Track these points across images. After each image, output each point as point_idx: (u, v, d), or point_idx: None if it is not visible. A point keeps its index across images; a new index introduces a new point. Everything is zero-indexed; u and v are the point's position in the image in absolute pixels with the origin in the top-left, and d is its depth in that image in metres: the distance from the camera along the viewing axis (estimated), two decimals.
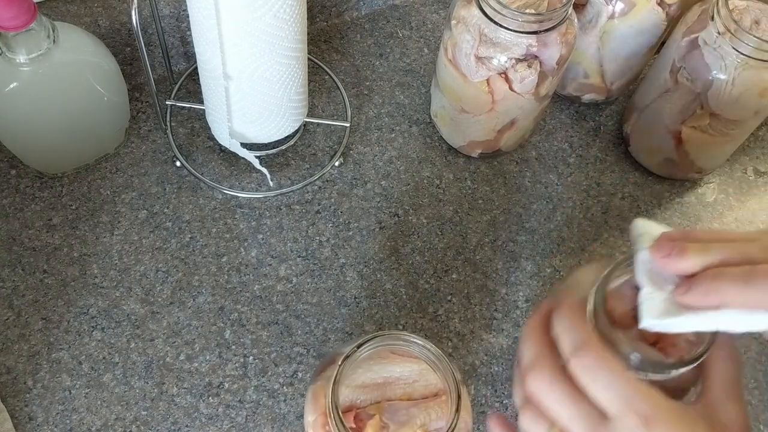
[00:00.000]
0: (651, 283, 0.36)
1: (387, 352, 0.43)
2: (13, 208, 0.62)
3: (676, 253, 0.35)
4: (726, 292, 0.34)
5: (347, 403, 0.41)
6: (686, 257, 0.35)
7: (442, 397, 0.42)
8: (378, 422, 0.40)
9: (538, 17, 0.54)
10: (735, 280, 0.34)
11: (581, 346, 0.36)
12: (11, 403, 0.53)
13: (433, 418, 0.41)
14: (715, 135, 0.61)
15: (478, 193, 0.67)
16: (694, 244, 0.35)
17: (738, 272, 0.34)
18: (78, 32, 0.58)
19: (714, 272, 0.34)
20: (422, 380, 0.42)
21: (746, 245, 0.35)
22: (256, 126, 0.61)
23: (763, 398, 0.59)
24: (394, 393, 0.42)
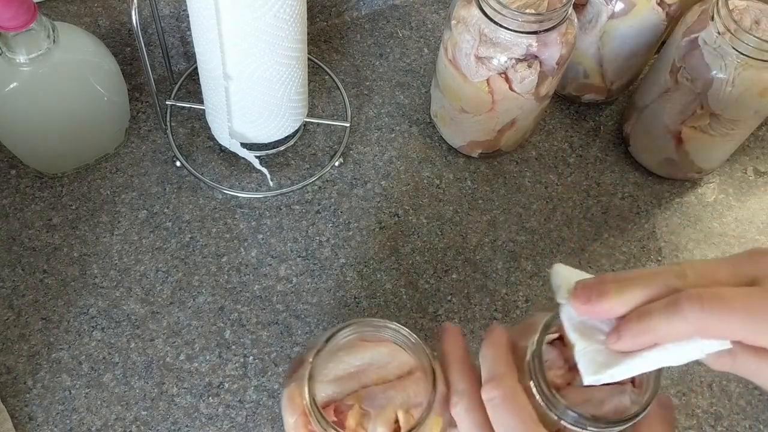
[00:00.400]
0: (582, 337, 0.35)
1: (355, 340, 0.43)
2: (13, 208, 0.62)
3: (596, 298, 0.34)
4: (655, 329, 0.33)
5: (324, 398, 0.41)
6: (607, 299, 0.34)
7: (416, 374, 0.42)
8: (358, 411, 0.40)
9: (538, 17, 0.54)
10: (660, 313, 0.33)
11: (493, 378, 0.36)
12: (11, 403, 0.53)
13: (412, 396, 0.41)
14: (715, 135, 0.61)
15: (478, 193, 0.67)
16: (611, 286, 0.34)
17: (662, 306, 0.33)
18: (78, 32, 0.58)
19: (639, 312, 0.34)
20: (394, 361, 0.43)
21: (662, 276, 0.34)
22: (256, 126, 0.61)
23: (763, 398, 0.59)
24: (369, 379, 0.42)
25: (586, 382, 0.34)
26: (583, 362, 0.35)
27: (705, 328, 0.33)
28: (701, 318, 0.32)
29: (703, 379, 0.59)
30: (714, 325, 0.32)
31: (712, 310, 0.32)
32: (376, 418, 0.40)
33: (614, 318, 0.35)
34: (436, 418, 0.40)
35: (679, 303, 0.33)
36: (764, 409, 0.58)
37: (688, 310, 0.32)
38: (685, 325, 0.33)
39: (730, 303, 0.32)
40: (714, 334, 0.33)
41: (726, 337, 0.33)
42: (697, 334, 0.33)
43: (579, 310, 0.35)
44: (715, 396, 0.58)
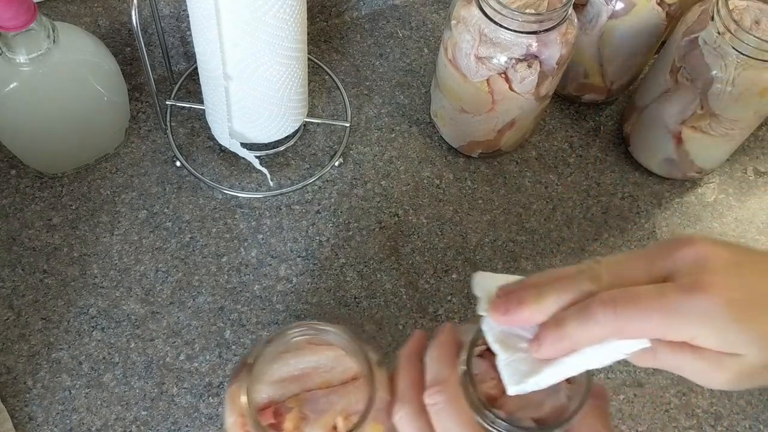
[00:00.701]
0: (504, 347, 0.35)
1: (303, 342, 0.42)
2: (13, 208, 0.62)
3: (514, 308, 0.34)
4: (571, 334, 0.33)
5: (265, 399, 0.41)
6: (523, 309, 0.34)
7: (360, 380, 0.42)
8: (297, 414, 0.40)
9: (538, 17, 0.54)
10: (575, 319, 0.33)
11: (438, 384, 0.36)
12: (11, 403, 0.53)
13: (353, 402, 0.41)
14: (715, 135, 0.61)
15: (478, 193, 0.67)
16: (528, 293, 0.35)
17: (575, 311, 0.33)
18: (78, 32, 0.58)
19: (555, 319, 0.34)
20: (340, 366, 0.42)
21: (577, 279, 0.34)
22: (256, 126, 0.61)
23: (762, 398, 0.59)
24: (313, 383, 0.42)
25: (510, 393, 0.35)
26: (506, 373, 0.35)
27: (620, 330, 0.33)
28: (615, 321, 0.32)
29: None
30: (628, 326, 0.32)
31: (625, 312, 0.32)
32: (314, 423, 0.40)
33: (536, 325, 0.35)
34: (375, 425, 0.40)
35: (591, 308, 0.33)
36: (764, 409, 0.58)
37: (601, 314, 0.32)
38: (599, 330, 0.33)
39: (642, 303, 0.32)
40: (630, 335, 0.33)
41: (642, 336, 0.33)
42: (613, 337, 0.33)
43: (499, 321, 0.35)
44: (715, 396, 0.58)
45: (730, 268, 0.33)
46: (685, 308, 0.32)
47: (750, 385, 0.34)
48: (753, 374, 0.33)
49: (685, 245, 0.33)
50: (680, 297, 0.32)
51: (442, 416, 0.35)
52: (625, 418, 0.57)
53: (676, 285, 0.32)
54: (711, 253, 0.33)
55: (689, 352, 0.33)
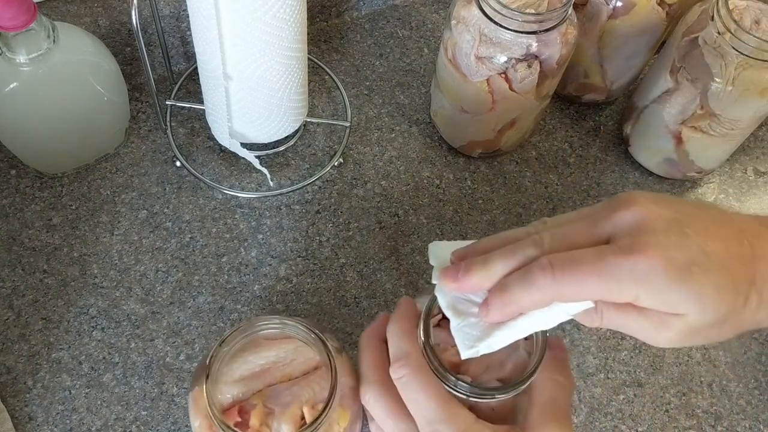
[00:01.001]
0: (456, 313, 0.36)
1: (260, 339, 0.43)
2: (13, 208, 0.62)
3: (461, 275, 0.35)
4: (516, 299, 0.34)
5: (229, 400, 0.41)
6: (471, 276, 0.35)
7: (322, 369, 0.42)
8: (261, 410, 0.40)
9: (538, 17, 0.54)
10: (518, 285, 0.34)
11: (401, 357, 0.36)
12: (11, 403, 0.53)
13: (318, 391, 0.41)
14: (715, 135, 0.61)
15: (478, 193, 0.67)
16: (475, 260, 0.35)
17: (518, 277, 0.34)
18: (78, 32, 0.58)
19: (500, 285, 0.35)
20: (300, 357, 0.43)
21: (521, 245, 0.35)
22: (256, 126, 0.61)
23: (763, 398, 0.59)
24: (275, 377, 0.42)
25: (464, 356, 0.36)
26: (459, 337, 0.36)
27: (560, 294, 0.33)
28: (554, 285, 0.33)
29: (703, 379, 0.59)
30: (567, 290, 0.33)
31: (563, 276, 0.33)
32: (280, 416, 0.40)
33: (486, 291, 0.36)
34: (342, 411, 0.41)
35: (531, 273, 0.33)
36: (764, 409, 0.58)
37: (540, 279, 0.33)
38: (541, 294, 0.33)
39: (580, 267, 0.33)
40: (570, 298, 0.34)
41: (582, 299, 0.34)
42: (555, 300, 0.34)
43: (449, 289, 0.36)
44: (715, 396, 0.58)
45: (671, 226, 0.33)
46: (624, 270, 0.32)
47: (696, 342, 0.35)
48: (697, 332, 0.34)
49: (625, 206, 0.34)
50: (618, 259, 0.32)
51: (408, 388, 0.36)
52: (625, 418, 0.57)
53: (615, 247, 0.33)
54: (651, 213, 0.33)
55: (633, 312, 0.34)
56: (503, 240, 0.36)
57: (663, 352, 0.60)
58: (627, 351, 0.60)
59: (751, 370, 0.60)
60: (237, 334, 0.41)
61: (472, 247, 0.37)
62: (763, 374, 0.60)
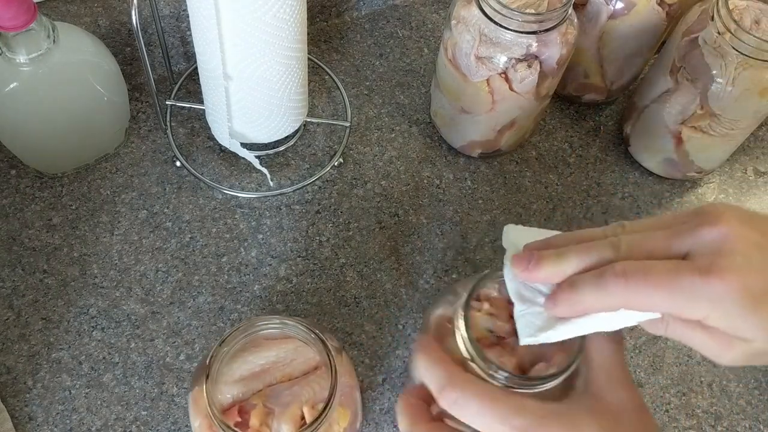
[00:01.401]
0: (521, 299, 0.37)
1: (260, 339, 0.43)
2: (13, 208, 0.62)
3: (533, 266, 0.36)
4: (584, 300, 0.34)
5: (229, 400, 0.41)
6: (542, 268, 0.35)
7: (322, 369, 0.42)
8: (262, 410, 0.40)
9: (538, 17, 0.54)
10: (589, 286, 0.34)
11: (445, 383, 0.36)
12: (11, 403, 0.53)
13: (318, 391, 0.41)
14: (715, 135, 0.61)
15: (478, 193, 0.67)
16: (549, 253, 0.35)
17: (590, 278, 0.34)
18: (78, 32, 0.58)
19: (570, 282, 0.35)
20: (300, 357, 0.43)
21: (598, 245, 0.35)
22: (256, 126, 0.61)
23: (763, 398, 0.59)
24: (274, 377, 0.42)
25: (522, 343, 0.36)
26: (520, 323, 0.36)
27: (629, 302, 0.33)
28: (625, 293, 0.33)
29: (703, 379, 0.59)
30: (637, 300, 0.33)
31: (636, 286, 0.33)
32: (280, 416, 0.40)
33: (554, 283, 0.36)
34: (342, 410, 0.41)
35: (604, 278, 0.33)
36: (764, 409, 0.58)
37: (612, 285, 0.33)
38: (610, 299, 0.33)
39: (653, 279, 0.32)
40: (639, 308, 0.34)
41: (650, 310, 0.34)
42: (623, 308, 0.34)
43: (518, 276, 0.36)
44: (715, 396, 0.58)
45: (753, 251, 0.32)
46: (697, 290, 0.32)
47: (760, 362, 0.35)
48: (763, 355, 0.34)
49: (710, 222, 0.33)
50: (694, 278, 0.32)
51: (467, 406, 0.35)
52: None
53: (693, 265, 0.32)
54: (734, 234, 0.33)
55: (700, 330, 0.34)
56: (579, 238, 0.36)
57: (663, 352, 0.60)
58: (627, 351, 0.60)
59: (751, 370, 0.60)
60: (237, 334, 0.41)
61: (546, 242, 0.37)
62: (763, 374, 0.60)
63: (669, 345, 0.60)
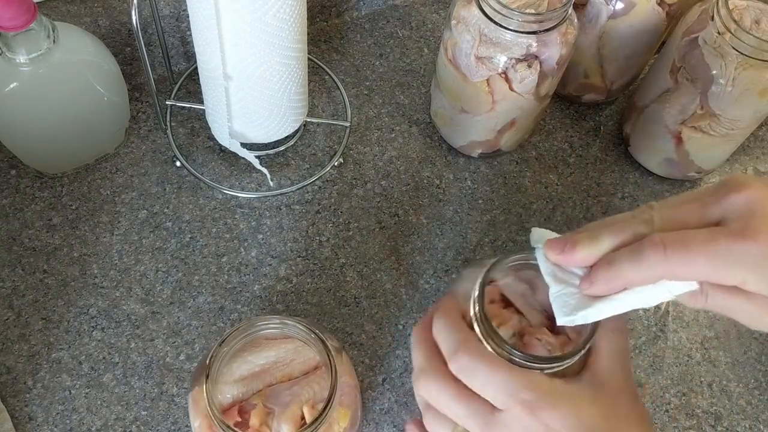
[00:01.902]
0: (557, 281, 0.37)
1: (259, 339, 0.43)
2: (13, 208, 0.62)
3: (568, 248, 0.36)
4: (623, 275, 0.35)
5: (229, 400, 0.41)
6: (577, 250, 0.36)
7: (322, 369, 0.42)
8: (262, 409, 0.40)
9: (538, 17, 0.54)
10: (627, 260, 0.34)
11: (457, 347, 0.36)
12: (11, 403, 0.53)
13: (318, 391, 0.41)
14: (715, 135, 0.61)
15: (478, 193, 0.67)
16: (583, 235, 0.36)
17: (627, 252, 0.34)
18: (78, 32, 0.58)
19: (607, 258, 0.35)
20: (299, 357, 0.43)
21: (630, 223, 0.35)
22: (256, 126, 0.61)
23: (763, 398, 0.59)
24: (274, 377, 0.42)
25: (560, 323, 0.36)
26: (557, 304, 0.36)
27: (669, 272, 0.34)
28: (664, 263, 0.33)
29: (703, 379, 0.59)
30: (677, 268, 0.33)
31: (674, 254, 0.33)
32: (280, 416, 0.40)
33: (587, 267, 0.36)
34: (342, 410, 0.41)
35: (642, 250, 0.34)
36: (764, 409, 0.58)
37: (651, 255, 0.33)
38: (649, 271, 0.34)
39: (692, 246, 0.33)
40: (679, 277, 0.34)
41: (691, 278, 0.34)
42: (663, 278, 0.34)
43: (553, 259, 0.37)
44: (715, 396, 0.58)
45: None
46: (734, 254, 0.32)
47: None
48: None
49: (738, 189, 0.34)
50: (730, 242, 0.32)
51: (475, 372, 0.36)
52: None
53: (727, 229, 0.33)
54: (762, 198, 0.33)
55: (739, 296, 0.34)
56: (611, 221, 0.37)
57: (663, 352, 0.60)
58: None
59: (751, 370, 0.60)
60: (237, 334, 0.41)
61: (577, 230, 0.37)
62: (763, 374, 0.60)
63: (669, 345, 0.60)
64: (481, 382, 0.36)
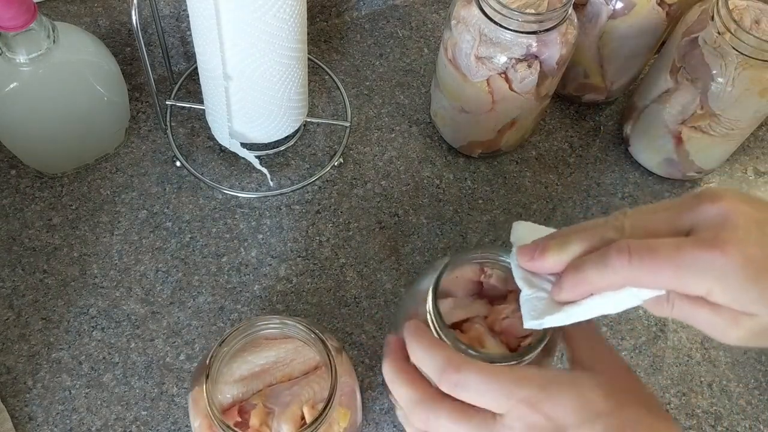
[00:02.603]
0: (528, 284, 0.37)
1: (260, 339, 0.43)
2: (13, 208, 0.62)
3: (538, 256, 0.36)
4: (589, 280, 0.34)
5: (229, 400, 0.41)
6: (547, 257, 0.36)
7: (322, 369, 0.42)
8: (262, 410, 0.40)
9: (538, 17, 0.54)
10: (593, 266, 0.34)
11: (444, 364, 0.36)
12: (11, 403, 0.53)
13: (318, 391, 0.41)
14: (715, 135, 0.61)
15: (478, 193, 0.67)
16: (553, 242, 0.36)
17: (594, 258, 0.34)
18: (78, 32, 0.58)
19: (574, 264, 0.35)
20: (299, 357, 0.43)
21: (600, 229, 0.35)
22: (256, 126, 0.61)
23: (763, 398, 0.59)
24: (274, 377, 0.42)
25: (527, 326, 0.36)
26: (525, 308, 0.37)
27: (634, 279, 0.33)
28: (629, 269, 0.33)
29: (703, 379, 0.59)
30: (642, 276, 0.33)
31: (640, 262, 0.33)
32: (280, 416, 0.40)
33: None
34: (342, 410, 0.41)
35: (608, 255, 0.34)
36: (764, 409, 0.58)
37: (616, 262, 0.33)
38: (614, 277, 0.34)
39: (658, 254, 0.33)
40: (643, 284, 0.34)
41: (656, 287, 0.34)
42: (628, 285, 0.34)
43: (524, 266, 0.37)
44: (715, 396, 0.58)
45: (752, 225, 0.32)
46: (700, 264, 0.32)
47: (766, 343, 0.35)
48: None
49: (711, 200, 0.34)
50: (696, 252, 0.32)
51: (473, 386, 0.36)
52: None
53: (695, 239, 0.33)
54: (734, 210, 0.33)
55: (705, 307, 0.34)
56: (583, 227, 0.37)
57: (663, 352, 0.60)
58: (627, 351, 0.60)
59: (751, 370, 0.60)
60: (237, 334, 0.41)
61: (551, 235, 0.37)
62: (763, 374, 0.60)
63: (669, 345, 0.60)
64: (475, 392, 0.35)
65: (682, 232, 0.34)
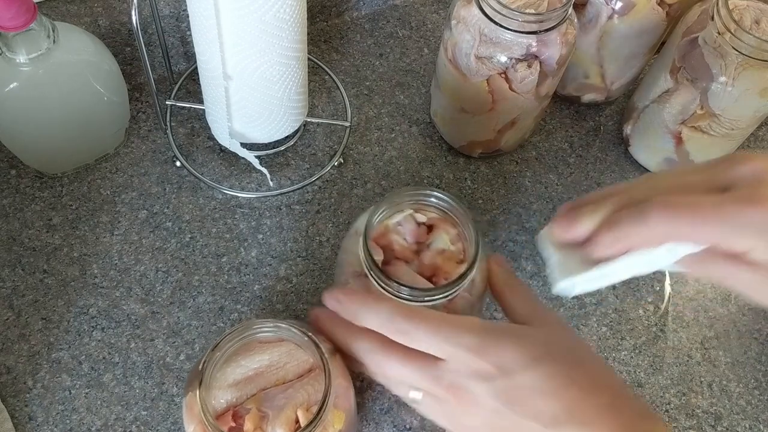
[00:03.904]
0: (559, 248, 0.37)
1: (253, 342, 0.43)
2: (13, 208, 0.62)
3: (574, 222, 0.36)
4: (626, 235, 0.34)
5: (223, 405, 0.41)
6: (583, 221, 0.36)
7: (316, 371, 0.42)
8: (256, 414, 0.40)
9: (538, 17, 0.54)
10: (631, 221, 0.34)
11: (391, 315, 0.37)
12: (11, 403, 0.53)
13: (312, 393, 0.41)
14: (715, 135, 0.61)
15: (478, 193, 0.67)
16: (586, 208, 0.36)
17: (632, 213, 0.34)
18: (78, 32, 0.58)
19: (611, 219, 0.35)
20: (293, 360, 0.43)
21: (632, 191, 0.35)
22: (256, 126, 0.61)
23: (763, 398, 0.59)
24: (269, 381, 0.42)
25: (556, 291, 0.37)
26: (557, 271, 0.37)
27: (674, 234, 0.33)
28: (670, 224, 0.33)
29: (703, 379, 0.59)
30: (683, 230, 0.33)
31: (680, 216, 0.33)
32: (275, 419, 0.40)
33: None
34: (337, 412, 0.41)
35: (647, 210, 0.33)
36: (764, 409, 0.58)
37: (656, 216, 0.33)
38: (653, 232, 0.33)
39: (699, 209, 0.33)
40: (686, 238, 0.34)
41: (698, 241, 0.34)
42: (668, 241, 0.34)
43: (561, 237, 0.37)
44: (715, 396, 0.58)
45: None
46: (741, 219, 0.32)
47: None
48: None
49: (744, 160, 0.34)
50: (737, 208, 0.32)
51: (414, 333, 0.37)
52: None
53: (734, 195, 0.33)
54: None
55: (743, 265, 0.33)
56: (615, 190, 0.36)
57: (663, 352, 0.60)
58: (627, 351, 0.60)
59: (751, 370, 0.60)
60: (230, 338, 0.41)
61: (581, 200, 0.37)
62: (763, 374, 0.60)
63: (669, 345, 0.60)
64: (420, 339, 0.36)
65: (718, 191, 0.34)
